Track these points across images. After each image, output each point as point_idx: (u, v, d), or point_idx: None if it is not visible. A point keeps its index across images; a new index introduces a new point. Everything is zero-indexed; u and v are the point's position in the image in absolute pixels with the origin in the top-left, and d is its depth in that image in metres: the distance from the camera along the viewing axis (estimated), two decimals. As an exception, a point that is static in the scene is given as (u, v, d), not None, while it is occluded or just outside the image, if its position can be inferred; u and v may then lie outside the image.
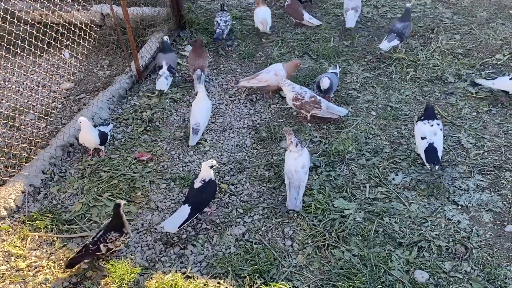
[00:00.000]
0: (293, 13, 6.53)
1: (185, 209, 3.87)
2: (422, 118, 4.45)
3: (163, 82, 5.42)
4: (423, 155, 4.33)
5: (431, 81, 5.47)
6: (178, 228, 3.84)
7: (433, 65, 5.65)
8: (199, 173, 4.03)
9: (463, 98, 5.20)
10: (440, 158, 4.28)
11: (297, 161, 4.15)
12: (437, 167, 4.37)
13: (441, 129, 4.39)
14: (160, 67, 5.52)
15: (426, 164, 4.34)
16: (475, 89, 5.24)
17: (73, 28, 5.47)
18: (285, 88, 5.08)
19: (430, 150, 4.31)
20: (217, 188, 4.19)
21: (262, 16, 6.33)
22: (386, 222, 3.97)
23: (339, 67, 5.49)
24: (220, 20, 6.26)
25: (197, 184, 3.95)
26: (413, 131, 4.63)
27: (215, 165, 3.98)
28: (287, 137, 4.18)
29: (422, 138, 4.35)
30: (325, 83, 4.99)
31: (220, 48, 6.19)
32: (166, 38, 5.75)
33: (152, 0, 6.84)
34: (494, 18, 6.43)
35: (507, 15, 6.48)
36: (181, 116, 5.18)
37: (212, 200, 4.13)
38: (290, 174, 4.12)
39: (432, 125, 4.38)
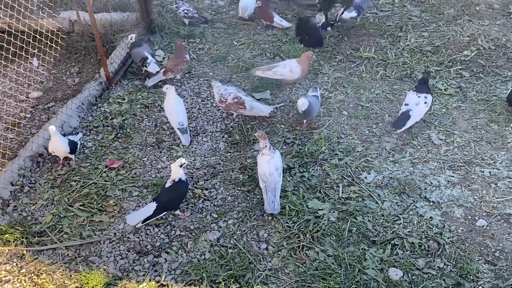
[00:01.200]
0: (263, 15, 6.53)
1: (151, 206, 3.92)
2: (414, 88, 4.83)
3: (154, 66, 5.57)
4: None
5: (401, 79, 5.53)
6: (142, 223, 3.91)
7: (402, 63, 5.71)
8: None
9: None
10: (407, 127, 4.70)
11: (270, 164, 4.14)
12: (398, 130, 4.76)
13: (425, 103, 4.73)
14: (145, 58, 5.59)
15: (392, 127, 4.81)
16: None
17: (38, 37, 5.37)
18: (213, 90, 5.11)
19: (403, 116, 4.75)
20: (188, 190, 4.18)
21: (245, 2, 6.64)
22: (360, 221, 3.99)
23: (320, 89, 5.26)
24: (187, 8, 6.60)
25: (168, 184, 3.99)
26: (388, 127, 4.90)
27: (184, 163, 3.97)
28: (262, 141, 4.17)
29: (405, 105, 4.77)
30: (300, 104, 4.67)
31: (191, 52, 6.17)
32: (133, 36, 5.73)
33: (121, 5, 6.77)
34: (461, 15, 6.53)
35: (473, 12, 6.59)
36: (152, 122, 5.13)
37: (183, 202, 4.14)
38: (264, 177, 4.11)
39: (418, 96, 4.74)
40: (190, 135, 4.88)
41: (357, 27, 6.39)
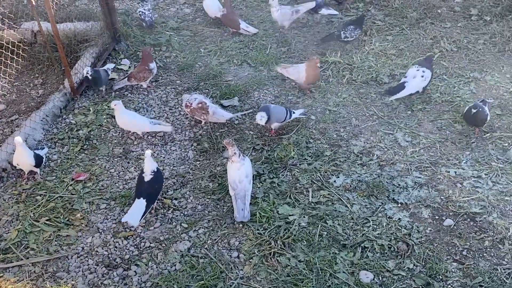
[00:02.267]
0: (229, 23, 6.53)
1: (141, 203, 4.03)
2: (418, 63, 5.26)
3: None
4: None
5: (367, 83, 5.59)
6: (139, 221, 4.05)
7: (368, 67, 5.78)
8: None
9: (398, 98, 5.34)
10: (398, 96, 5.19)
11: (240, 171, 4.13)
12: (390, 97, 5.22)
13: (422, 76, 5.10)
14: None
15: (386, 93, 5.31)
16: None
17: (-1, 49, 5.27)
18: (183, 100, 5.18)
19: (398, 86, 5.24)
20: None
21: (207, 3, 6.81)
22: (330, 225, 4.01)
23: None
24: (144, 9, 6.60)
25: (148, 177, 4.08)
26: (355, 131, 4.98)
27: (152, 153, 4.27)
28: (230, 149, 4.15)
29: (404, 77, 5.22)
30: (258, 118, 4.68)
31: (158, 60, 6.12)
32: (88, 69, 5.36)
33: (85, 15, 6.68)
34: (423, 18, 6.65)
35: (435, 15, 6.72)
36: (119, 132, 5.06)
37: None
38: (234, 185, 4.10)
39: (417, 70, 5.14)
40: (159, 144, 4.85)
41: (323, 32, 6.45)
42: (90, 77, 5.35)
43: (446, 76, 5.62)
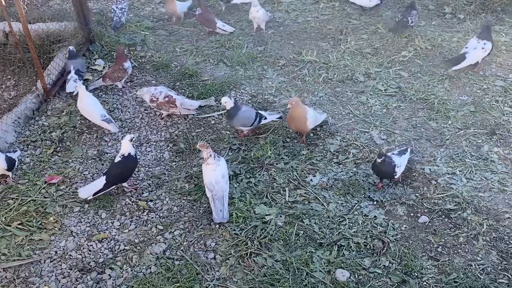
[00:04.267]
0: (205, 23, 6.49)
1: (101, 181, 4.13)
2: (477, 35, 5.49)
3: (71, 85, 5.38)
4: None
5: (343, 82, 5.61)
6: (92, 196, 4.13)
7: (343, 66, 5.80)
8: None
9: (373, 96, 5.37)
10: (460, 66, 5.44)
11: (216, 172, 4.10)
12: (453, 68, 5.49)
13: (483, 48, 5.36)
14: (69, 72, 5.46)
15: (448, 63, 5.57)
16: None
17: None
18: (143, 96, 5.12)
19: (460, 57, 5.50)
20: (137, 164, 4.40)
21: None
22: (306, 224, 4.01)
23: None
24: (116, 7, 6.49)
25: (117, 158, 4.19)
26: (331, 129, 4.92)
27: (134, 138, 4.22)
28: (205, 151, 4.11)
29: (465, 48, 5.48)
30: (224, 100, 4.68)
31: (133, 60, 6.05)
32: (71, 47, 5.62)
33: (58, 15, 6.57)
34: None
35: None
36: (93, 134, 4.98)
37: (133, 176, 4.37)
38: (211, 186, 4.06)
39: (478, 42, 5.39)
40: (134, 146, 4.78)
41: (299, 31, 6.45)
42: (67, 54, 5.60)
43: (420, 74, 5.67)
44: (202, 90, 5.50)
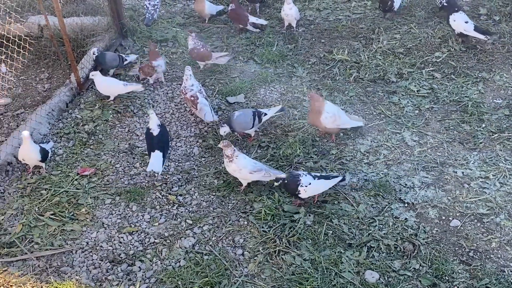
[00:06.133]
0: (236, 18, 6.49)
1: (158, 154, 4.47)
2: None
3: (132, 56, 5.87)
4: None
5: (374, 81, 5.55)
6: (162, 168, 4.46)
7: (375, 66, 5.74)
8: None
9: (405, 97, 5.30)
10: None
11: (246, 159, 4.21)
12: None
13: None
14: (121, 57, 5.71)
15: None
16: None
17: (6, 42, 5.25)
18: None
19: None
20: None
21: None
22: (336, 224, 3.98)
23: None
24: (149, 4, 6.48)
25: (156, 131, 4.52)
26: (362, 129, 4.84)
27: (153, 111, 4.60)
28: (228, 149, 4.14)
29: None
30: (221, 132, 4.67)
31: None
32: (95, 50, 5.63)
33: (91, 10, 6.66)
34: (431, 17, 6.60)
35: (443, 14, 6.65)
36: (125, 127, 5.04)
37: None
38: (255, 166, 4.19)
39: None
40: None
41: (330, 30, 6.41)
42: (94, 57, 5.60)
43: (454, 75, 5.57)
44: (232, 87, 5.51)
